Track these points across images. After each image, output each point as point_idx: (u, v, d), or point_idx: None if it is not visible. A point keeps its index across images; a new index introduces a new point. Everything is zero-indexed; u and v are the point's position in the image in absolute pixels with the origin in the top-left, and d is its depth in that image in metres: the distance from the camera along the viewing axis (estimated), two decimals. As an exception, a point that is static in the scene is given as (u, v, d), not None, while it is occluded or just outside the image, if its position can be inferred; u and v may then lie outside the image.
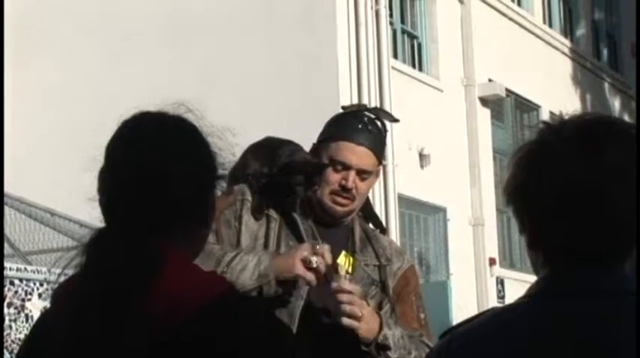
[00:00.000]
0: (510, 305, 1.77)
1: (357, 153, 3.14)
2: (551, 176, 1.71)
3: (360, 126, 3.16)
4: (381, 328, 3.03)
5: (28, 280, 8.38)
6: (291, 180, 3.13)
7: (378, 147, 3.19)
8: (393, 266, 3.23)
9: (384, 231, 3.38)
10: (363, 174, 3.16)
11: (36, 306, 8.25)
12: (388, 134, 3.31)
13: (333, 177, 3.14)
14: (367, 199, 3.32)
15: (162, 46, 13.18)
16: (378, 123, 3.23)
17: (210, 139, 1.88)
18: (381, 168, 3.30)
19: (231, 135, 1.91)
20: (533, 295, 1.73)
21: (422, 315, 3.25)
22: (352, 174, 3.14)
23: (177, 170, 1.82)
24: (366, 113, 3.24)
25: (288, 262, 2.91)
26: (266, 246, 3.10)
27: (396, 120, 3.31)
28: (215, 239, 3.07)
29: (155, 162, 1.82)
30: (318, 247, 2.94)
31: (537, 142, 1.75)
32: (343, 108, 3.30)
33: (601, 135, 1.72)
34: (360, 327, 2.99)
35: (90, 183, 1.88)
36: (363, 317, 2.99)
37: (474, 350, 1.69)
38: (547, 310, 1.69)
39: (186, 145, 1.86)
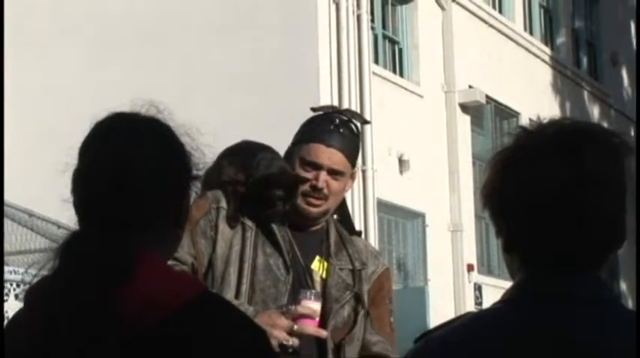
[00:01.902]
0: (486, 310, 1.76)
1: (326, 154, 3.14)
2: (528, 182, 1.71)
3: (331, 127, 3.16)
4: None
5: (4, 281, 8.34)
6: (271, 194, 3.11)
7: (349, 148, 3.19)
8: (368, 269, 3.23)
9: (358, 234, 3.37)
10: (334, 174, 3.15)
11: (12, 307, 8.21)
12: (368, 139, 3.31)
13: (305, 178, 3.14)
14: (344, 202, 3.31)
15: (142, 48, 13.15)
16: (351, 125, 3.22)
17: (184, 140, 1.88)
18: (357, 171, 3.29)
19: (200, 135, 1.91)
20: (509, 300, 1.73)
21: (392, 319, 3.27)
22: (323, 174, 3.13)
23: (151, 171, 1.81)
24: (339, 115, 3.23)
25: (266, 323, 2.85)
26: (242, 254, 3.09)
27: (366, 122, 3.32)
28: (194, 251, 3.06)
29: (129, 163, 1.81)
30: (295, 328, 2.96)
31: (514, 147, 1.75)
32: (312, 109, 3.29)
33: (579, 142, 1.72)
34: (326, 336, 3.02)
35: (68, 185, 1.87)
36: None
37: (449, 355, 1.69)
38: (523, 315, 1.69)
39: (160, 146, 1.85)
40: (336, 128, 3.16)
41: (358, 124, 3.29)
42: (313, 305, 3.00)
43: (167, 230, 1.85)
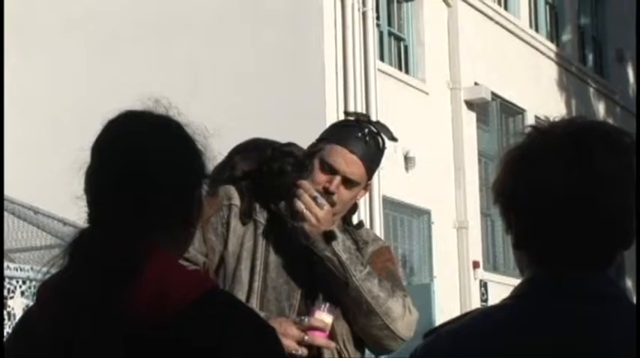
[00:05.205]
0: (496, 306, 1.77)
1: (346, 160, 3.13)
2: (539, 181, 1.71)
3: (358, 135, 3.15)
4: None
5: (10, 278, 8.35)
6: (282, 165, 3.08)
7: (370, 160, 3.17)
8: (369, 248, 3.23)
9: (359, 226, 3.36)
10: (348, 183, 3.13)
11: (18, 304, 8.22)
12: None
13: (320, 178, 3.12)
14: (354, 207, 3.29)
15: (148, 46, 13.16)
16: (379, 138, 3.21)
17: (195, 137, 1.88)
18: (371, 183, 3.28)
19: (209, 134, 1.91)
20: (519, 296, 1.74)
21: (393, 268, 3.25)
22: (337, 179, 3.12)
23: (164, 169, 1.82)
24: (369, 125, 3.22)
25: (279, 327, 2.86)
26: (254, 251, 3.09)
27: (394, 139, 3.30)
28: (205, 248, 3.06)
29: (141, 161, 1.81)
30: (306, 338, 2.97)
31: (525, 146, 1.76)
32: (345, 113, 3.27)
33: (590, 142, 1.72)
34: (310, 229, 3.02)
35: (74, 182, 1.87)
36: (319, 220, 3.02)
37: (459, 350, 1.70)
38: (533, 311, 1.70)
39: (172, 144, 1.85)
40: (363, 136, 3.15)
41: (386, 139, 3.28)
42: (326, 318, 3.01)
43: (179, 228, 1.85)
